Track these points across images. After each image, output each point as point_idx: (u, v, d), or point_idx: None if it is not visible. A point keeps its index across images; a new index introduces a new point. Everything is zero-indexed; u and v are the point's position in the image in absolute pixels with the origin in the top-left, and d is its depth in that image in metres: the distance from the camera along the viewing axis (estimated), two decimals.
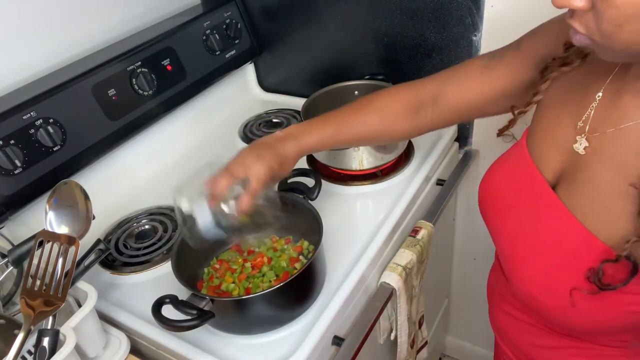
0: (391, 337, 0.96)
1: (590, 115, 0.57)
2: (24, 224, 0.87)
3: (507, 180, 0.67)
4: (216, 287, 0.82)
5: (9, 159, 0.81)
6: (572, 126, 0.58)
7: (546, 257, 0.59)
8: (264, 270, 0.83)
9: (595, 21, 0.44)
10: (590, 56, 0.59)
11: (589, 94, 0.57)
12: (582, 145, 0.57)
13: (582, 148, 0.56)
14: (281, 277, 0.81)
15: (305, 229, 0.85)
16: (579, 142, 0.57)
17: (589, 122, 0.56)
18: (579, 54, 0.60)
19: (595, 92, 0.57)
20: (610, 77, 0.56)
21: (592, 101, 0.57)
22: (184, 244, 0.79)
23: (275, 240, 0.89)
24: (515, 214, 0.64)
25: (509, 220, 0.65)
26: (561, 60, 0.61)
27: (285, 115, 1.27)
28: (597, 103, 0.56)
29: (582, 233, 0.55)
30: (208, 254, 0.88)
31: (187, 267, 0.80)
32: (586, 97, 0.58)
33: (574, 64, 0.60)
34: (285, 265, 0.83)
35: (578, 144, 0.57)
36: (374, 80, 1.13)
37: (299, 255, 0.85)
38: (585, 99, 0.58)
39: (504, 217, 0.66)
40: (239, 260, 0.86)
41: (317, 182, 0.85)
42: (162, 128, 1.12)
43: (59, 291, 0.67)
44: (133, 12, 1.13)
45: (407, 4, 1.04)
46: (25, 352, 0.66)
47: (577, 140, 0.57)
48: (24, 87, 0.92)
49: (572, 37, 0.49)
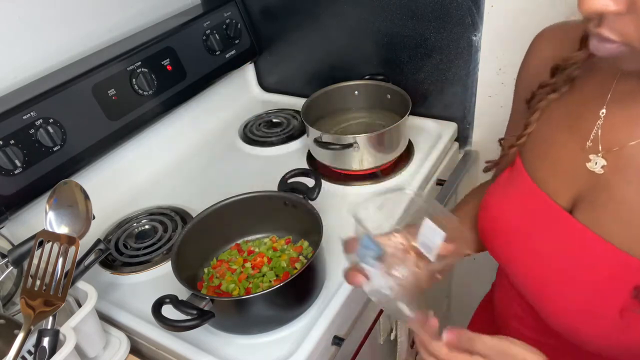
0: (391, 337, 0.96)
1: (598, 134, 0.55)
2: (24, 224, 0.87)
3: (515, 210, 0.63)
4: (216, 287, 0.81)
5: (9, 159, 0.81)
6: (578, 149, 0.57)
7: (581, 286, 0.56)
8: (264, 271, 0.83)
9: (635, 25, 0.41)
10: (577, 80, 0.58)
11: (590, 114, 0.56)
12: (599, 165, 0.55)
13: (600, 167, 0.55)
14: (281, 278, 0.81)
15: (306, 229, 0.85)
16: (594, 161, 0.55)
17: (599, 140, 0.55)
18: (567, 80, 0.59)
19: (596, 111, 0.55)
20: (610, 93, 0.55)
21: (596, 120, 0.55)
22: (183, 244, 0.79)
23: (275, 241, 0.89)
24: (533, 245, 0.60)
25: (527, 253, 0.62)
26: (549, 88, 0.60)
27: (285, 115, 1.27)
28: (602, 121, 0.55)
29: (615, 254, 0.52)
30: (208, 254, 0.88)
31: (187, 267, 0.80)
32: (587, 117, 0.56)
33: (562, 90, 0.59)
34: (285, 265, 0.83)
35: (593, 164, 0.55)
36: (374, 80, 1.13)
37: (299, 255, 0.85)
38: (587, 119, 0.56)
39: (519, 249, 0.62)
40: (239, 260, 0.86)
41: (317, 182, 0.85)
42: (162, 128, 1.12)
43: (59, 291, 0.67)
44: (133, 12, 1.13)
45: (407, 4, 1.04)
46: (25, 352, 0.66)
47: (591, 160, 0.55)
48: (24, 87, 0.92)
49: (595, 47, 0.46)
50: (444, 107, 1.13)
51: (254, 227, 0.91)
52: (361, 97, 1.15)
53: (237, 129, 1.25)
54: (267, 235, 0.91)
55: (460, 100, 1.10)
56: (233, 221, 0.87)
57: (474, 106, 1.09)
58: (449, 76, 1.08)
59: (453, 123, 1.13)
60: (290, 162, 1.09)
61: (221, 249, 0.89)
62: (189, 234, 0.81)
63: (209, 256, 0.88)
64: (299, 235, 0.89)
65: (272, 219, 0.89)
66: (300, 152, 1.14)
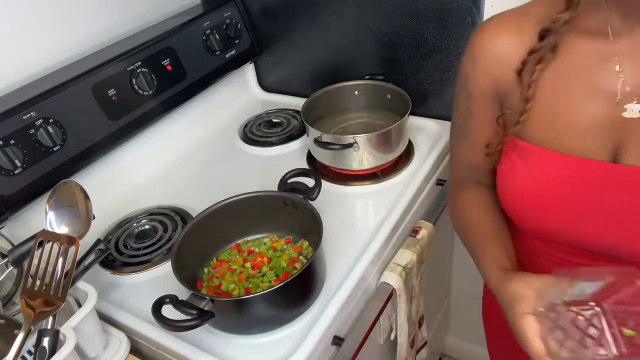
0: (391, 337, 0.96)
1: (625, 88, 0.57)
2: (24, 224, 0.87)
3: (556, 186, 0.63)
4: (216, 287, 0.81)
5: (9, 159, 0.81)
6: (608, 106, 0.58)
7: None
8: (264, 271, 0.83)
9: None
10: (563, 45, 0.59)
11: (605, 73, 0.58)
12: (635, 110, 0.57)
13: (638, 111, 0.57)
14: (281, 277, 0.81)
15: (305, 229, 0.85)
16: (630, 109, 0.57)
17: (628, 91, 0.57)
18: (552, 48, 0.60)
19: (610, 68, 0.57)
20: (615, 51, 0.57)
21: (614, 76, 0.57)
22: (183, 244, 0.79)
23: (275, 241, 0.89)
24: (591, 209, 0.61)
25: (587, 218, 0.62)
26: (536, 55, 0.61)
27: (285, 115, 1.27)
28: (623, 76, 0.57)
29: None
30: (208, 254, 0.88)
31: (187, 267, 0.80)
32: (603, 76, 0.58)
33: (547, 58, 0.60)
34: (285, 265, 0.83)
35: (630, 111, 0.57)
36: (374, 80, 1.13)
37: (299, 255, 0.85)
38: (604, 78, 0.58)
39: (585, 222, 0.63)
40: (239, 260, 0.86)
41: (317, 182, 0.85)
42: (162, 128, 1.12)
43: (59, 291, 0.67)
44: (133, 12, 1.13)
45: (407, 4, 1.04)
46: (25, 352, 0.66)
47: (626, 109, 0.57)
48: (24, 87, 0.92)
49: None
50: (444, 107, 1.13)
51: (254, 227, 0.91)
52: (361, 97, 1.15)
53: (237, 129, 1.25)
54: (267, 235, 0.91)
55: None
56: (233, 221, 0.87)
57: None
58: (449, 76, 1.08)
59: None
60: (290, 162, 1.09)
61: (221, 249, 0.89)
62: (189, 234, 0.81)
63: (209, 256, 0.88)
64: (299, 235, 0.89)
65: (272, 219, 0.89)
66: (300, 152, 1.14)
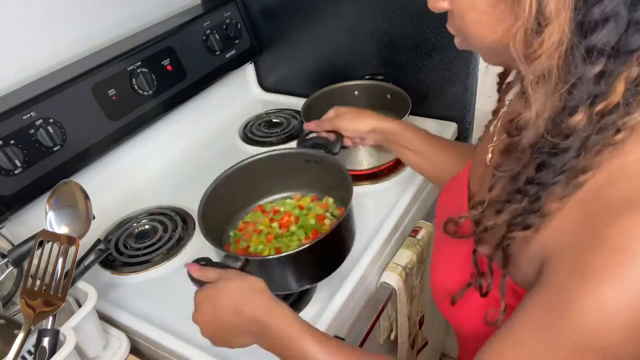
0: (391, 337, 0.96)
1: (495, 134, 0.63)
2: (24, 224, 0.86)
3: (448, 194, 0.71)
4: (244, 250, 0.79)
5: (9, 159, 0.81)
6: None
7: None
8: (292, 229, 0.81)
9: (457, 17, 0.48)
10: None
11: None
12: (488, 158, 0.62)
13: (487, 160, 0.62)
14: (310, 236, 0.79)
15: (329, 185, 0.83)
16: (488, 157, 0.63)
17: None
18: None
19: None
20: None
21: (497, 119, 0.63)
22: (207, 207, 0.76)
23: (298, 198, 0.87)
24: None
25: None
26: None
27: (285, 115, 1.27)
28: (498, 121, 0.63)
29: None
30: (230, 218, 0.85)
31: (212, 231, 0.76)
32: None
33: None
34: (313, 223, 0.81)
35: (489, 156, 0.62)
36: (374, 80, 1.13)
37: (325, 212, 0.83)
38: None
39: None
40: (265, 221, 0.84)
41: (338, 136, 0.83)
42: (162, 128, 1.12)
43: (59, 291, 0.67)
44: (133, 12, 1.13)
45: (407, 4, 1.04)
46: (25, 352, 0.66)
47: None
48: (24, 87, 0.92)
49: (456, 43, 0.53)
50: (444, 107, 1.13)
51: (274, 188, 0.88)
52: (361, 97, 1.15)
53: (237, 129, 1.25)
54: (289, 195, 0.89)
55: (460, 100, 1.10)
56: (253, 182, 0.85)
57: (474, 106, 1.09)
58: (449, 76, 1.08)
59: (453, 123, 1.13)
60: None
61: (243, 211, 0.87)
62: (211, 196, 0.78)
63: (231, 220, 0.85)
64: (322, 192, 0.86)
65: (292, 177, 0.87)
66: None
